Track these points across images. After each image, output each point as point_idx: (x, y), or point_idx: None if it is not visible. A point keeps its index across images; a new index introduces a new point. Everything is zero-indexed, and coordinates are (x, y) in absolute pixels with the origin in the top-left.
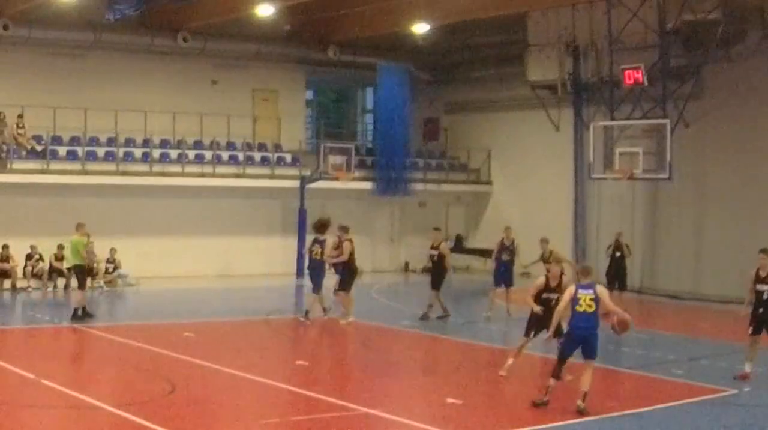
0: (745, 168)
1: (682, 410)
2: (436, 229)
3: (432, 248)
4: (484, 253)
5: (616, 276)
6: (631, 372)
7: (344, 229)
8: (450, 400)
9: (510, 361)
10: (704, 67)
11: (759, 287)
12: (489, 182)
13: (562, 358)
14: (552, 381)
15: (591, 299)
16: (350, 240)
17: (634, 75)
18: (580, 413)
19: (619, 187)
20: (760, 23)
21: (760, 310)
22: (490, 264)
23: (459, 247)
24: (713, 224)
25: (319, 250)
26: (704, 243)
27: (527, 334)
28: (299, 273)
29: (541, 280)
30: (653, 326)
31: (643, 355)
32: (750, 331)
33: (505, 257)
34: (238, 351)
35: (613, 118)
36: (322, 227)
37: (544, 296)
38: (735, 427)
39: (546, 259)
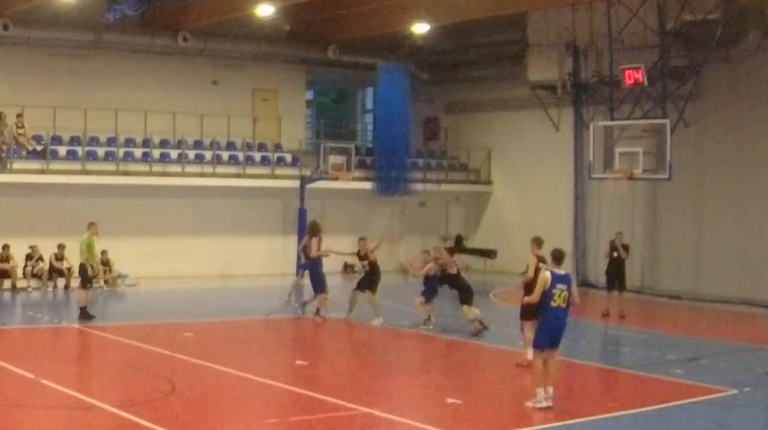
0: (745, 168)
1: (681, 410)
2: (362, 238)
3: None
4: (484, 253)
5: (615, 276)
6: (631, 372)
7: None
8: (450, 400)
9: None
10: (704, 67)
11: None
12: (489, 182)
13: None
14: None
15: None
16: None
17: (634, 75)
18: None
19: (619, 187)
20: (760, 23)
21: None
22: (490, 264)
23: (459, 247)
24: (713, 224)
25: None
26: (704, 243)
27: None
28: (299, 273)
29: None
30: (653, 326)
31: (643, 355)
32: None
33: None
34: (238, 351)
35: (613, 118)
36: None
37: None
38: (735, 427)
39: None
